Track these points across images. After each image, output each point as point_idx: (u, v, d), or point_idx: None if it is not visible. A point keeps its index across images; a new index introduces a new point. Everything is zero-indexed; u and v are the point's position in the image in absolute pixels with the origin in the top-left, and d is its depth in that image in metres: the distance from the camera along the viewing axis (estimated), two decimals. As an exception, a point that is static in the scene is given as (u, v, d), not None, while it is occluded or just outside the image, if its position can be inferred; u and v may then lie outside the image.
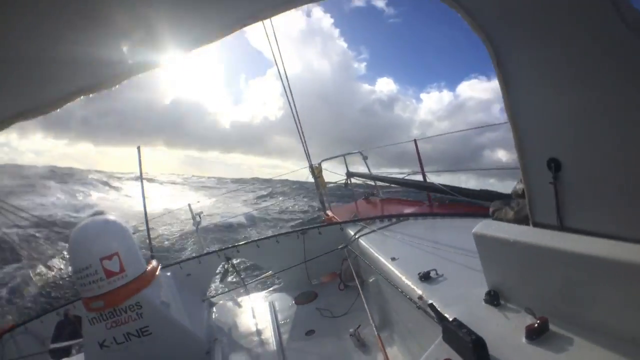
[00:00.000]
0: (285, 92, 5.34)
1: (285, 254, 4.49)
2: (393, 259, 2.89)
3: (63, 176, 39.09)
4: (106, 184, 39.79)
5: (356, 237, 3.78)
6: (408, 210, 5.20)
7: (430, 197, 5.35)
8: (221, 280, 4.80)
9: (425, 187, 4.98)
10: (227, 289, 4.81)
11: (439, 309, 1.93)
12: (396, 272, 2.68)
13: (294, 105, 5.40)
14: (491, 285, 1.87)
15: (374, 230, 3.80)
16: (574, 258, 1.37)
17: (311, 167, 6.24)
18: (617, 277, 1.25)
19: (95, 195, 31.52)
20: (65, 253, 11.19)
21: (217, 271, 4.62)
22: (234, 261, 4.55)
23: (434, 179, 4.95)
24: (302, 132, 5.57)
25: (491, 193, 3.73)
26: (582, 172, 1.44)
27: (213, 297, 4.65)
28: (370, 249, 3.32)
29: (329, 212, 6.22)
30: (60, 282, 10.24)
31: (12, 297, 9.85)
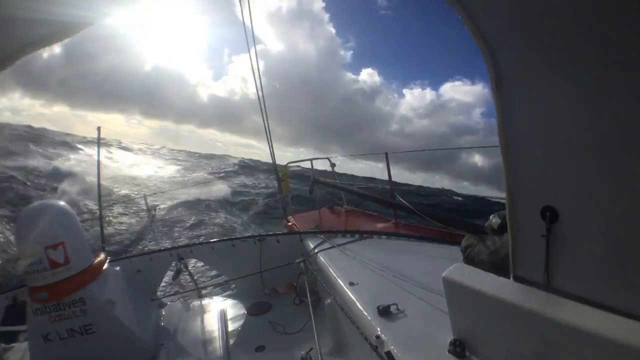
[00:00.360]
0: (255, 82, 5.06)
1: (240, 260, 4.25)
2: (351, 283, 2.66)
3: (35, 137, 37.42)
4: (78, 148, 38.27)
5: (315, 251, 3.55)
6: (373, 226, 5.00)
7: (397, 214, 5.16)
8: (172, 280, 4.50)
9: (393, 205, 4.76)
10: (177, 290, 4.58)
11: (395, 357, 1.70)
12: (354, 299, 2.44)
13: (263, 101, 5.10)
14: (457, 334, 1.66)
15: (334, 246, 3.56)
16: (558, 325, 1.18)
17: (275, 169, 5.95)
18: (604, 354, 1.08)
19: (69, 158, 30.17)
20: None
21: (169, 270, 4.33)
22: (187, 261, 4.29)
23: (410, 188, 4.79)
24: (269, 130, 5.26)
25: (462, 221, 3.54)
26: (583, 227, 1.21)
27: (163, 297, 4.38)
28: (329, 268, 3.09)
29: (290, 219, 5.95)
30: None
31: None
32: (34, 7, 0.94)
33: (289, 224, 5.81)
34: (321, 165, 6.98)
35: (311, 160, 6.73)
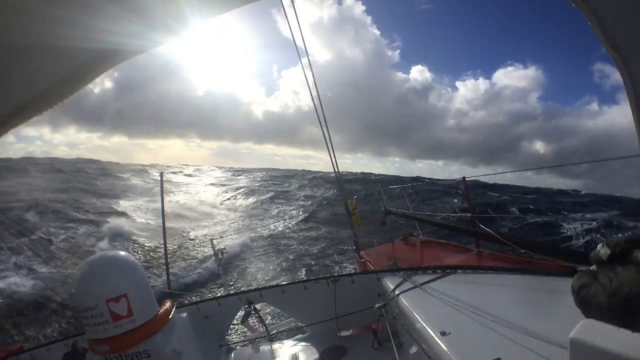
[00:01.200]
0: (311, 93, 4.84)
1: (313, 303, 4.04)
2: (443, 333, 2.35)
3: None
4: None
5: (396, 293, 3.25)
6: (454, 258, 4.61)
7: (479, 242, 4.73)
8: (241, 325, 4.41)
9: (475, 234, 4.37)
10: (247, 335, 4.42)
11: None
12: (449, 353, 2.13)
13: (323, 112, 4.90)
14: None
15: (416, 286, 3.25)
16: None
17: (345, 204, 5.77)
18: None
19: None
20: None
21: (238, 315, 4.24)
22: (257, 305, 4.15)
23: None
24: (331, 141, 5.03)
25: (555, 248, 3.12)
26: None
27: (232, 343, 4.29)
28: (415, 313, 2.78)
29: (364, 255, 5.68)
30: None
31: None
32: (86, 36, 0.93)
33: (362, 260, 5.54)
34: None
35: (381, 190, 6.49)
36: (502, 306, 2.62)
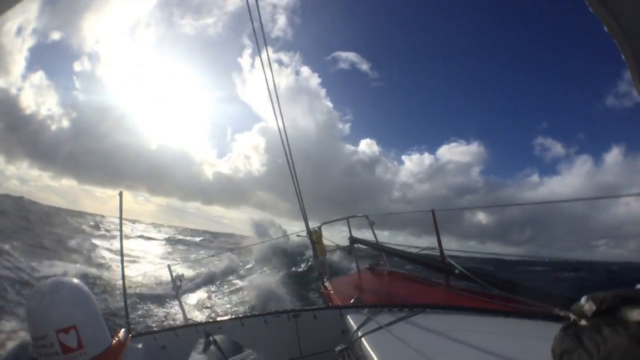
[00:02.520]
0: (285, 153, 5.07)
1: (274, 337, 3.86)
2: None
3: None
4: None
5: (359, 334, 3.00)
6: (421, 293, 4.42)
7: (448, 278, 4.52)
8: (200, 358, 4.15)
9: (444, 269, 4.16)
10: None
11: None
12: None
13: (293, 165, 4.90)
14: None
15: (381, 327, 3.00)
16: None
17: (309, 231, 5.52)
18: None
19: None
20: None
21: (196, 347, 4.05)
22: (216, 337, 3.94)
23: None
24: (300, 193, 4.91)
25: (535, 289, 2.93)
26: None
27: None
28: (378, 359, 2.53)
29: (328, 285, 5.42)
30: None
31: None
32: None
33: (327, 291, 5.27)
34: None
35: (347, 218, 6.29)
36: (472, 352, 2.42)
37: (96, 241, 29.59)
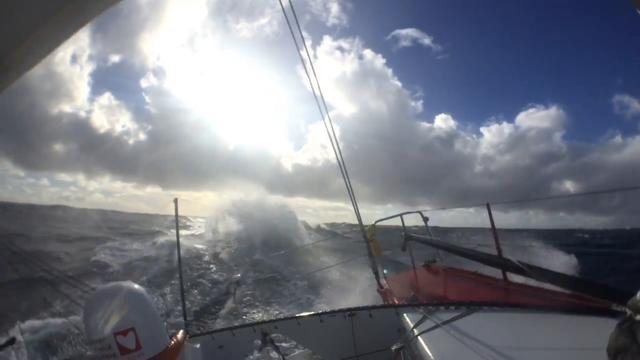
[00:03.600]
0: (333, 146, 4.91)
1: (330, 336, 3.90)
2: None
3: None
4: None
5: (415, 333, 3.01)
6: (478, 289, 4.37)
7: (505, 273, 4.44)
8: (257, 356, 4.31)
9: (501, 264, 4.10)
10: None
11: None
12: None
13: (343, 163, 4.90)
14: None
15: (437, 325, 2.99)
16: None
17: (363, 229, 5.59)
18: None
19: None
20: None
21: (253, 346, 4.04)
22: (272, 337, 3.96)
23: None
24: (352, 192, 4.97)
25: (593, 284, 2.86)
26: None
27: None
28: (435, 358, 2.54)
29: (384, 284, 5.47)
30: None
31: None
32: None
33: (383, 290, 5.33)
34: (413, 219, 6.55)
35: (401, 215, 6.31)
36: (530, 349, 2.41)
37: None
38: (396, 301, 4.36)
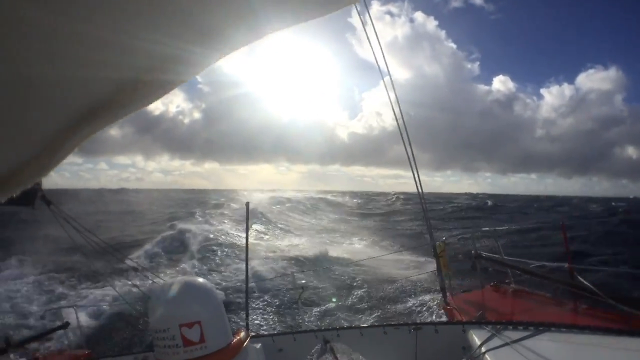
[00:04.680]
0: (395, 117, 5.00)
1: (393, 350, 3.91)
2: None
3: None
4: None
5: (482, 350, 3.07)
6: (547, 311, 4.32)
7: (576, 295, 4.39)
8: None
9: (573, 286, 4.08)
10: None
11: None
12: None
13: (407, 132, 5.05)
14: None
15: (506, 344, 3.03)
16: None
17: (434, 246, 5.69)
18: None
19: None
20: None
21: (313, 352, 4.14)
22: (333, 345, 4.04)
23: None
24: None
25: None
26: None
27: None
28: None
29: (450, 302, 5.51)
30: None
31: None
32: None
33: (449, 307, 5.37)
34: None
35: (473, 233, 6.32)
36: None
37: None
38: (462, 319, 4.36)
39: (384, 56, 4.91)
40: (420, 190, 5.14)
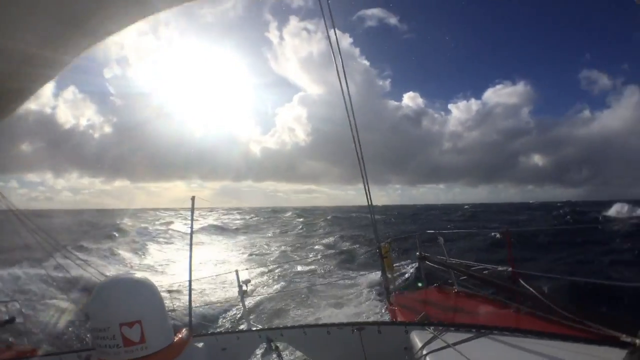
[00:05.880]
0: (351, 129, 4.86)
1: (337, 350, 3.84)
2: None
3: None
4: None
5: (424, 352, 3.02)
6: (490, 314, 4.35)
7: (518, 299, 4.43)
8: None
9: (514, 291, 4.11)
10: None
11: None
12: None
13: (359, 144, 4.92)
14: None
15: (447, 346, 2.97)
16: None
17: (379, 246, 5.62)
18: None
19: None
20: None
21: (256, 351, 4.11)
22: (277, 344, 4.00)
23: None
24: (365, 171, 4.95)
25: (604, 314, 2.86)
26: None
27: None
28: None
29: (394, 301, 5.47)
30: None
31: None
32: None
33: (392, 307, 5.33)
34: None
35: (417, 234, 6.30)
36: None
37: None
38: (405, 319, 4.32)
39: (341, 58, 4.84)
40: (369, 197, 5.06)
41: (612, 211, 47.01)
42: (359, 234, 33.80)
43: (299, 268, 19.45)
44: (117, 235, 34.83)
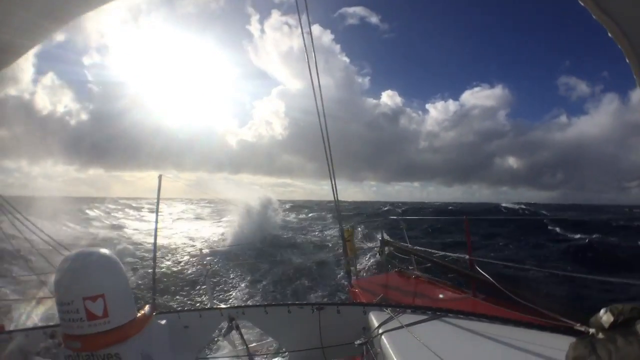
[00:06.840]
0: (320, 124, 4.85)
1: (296, 328, 3.91)
2: None
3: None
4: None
5: (380, 331, 3.06)
6: (446, 299, 4.45)
7: (474, 286, 4.53)
8: (221, 340, 4.27)
9: (472, 277, 4.19)
10: (225, 352, 4.36)
11: None
12: None
13: (329, 150, 4.86)
14: None
15: (403, 326, 3.03)
16: None
17: (341, 229, 5.62)
18: None
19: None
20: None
21: (218, 329, 4.16)
22: (239, 322, 4.03)
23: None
24: (336, 190, 4.94)
25: (558, 303, 2.93)
26: None
27: (210, 356, 4.26)
28: (395, 356, 2.60)
29: (355, 284, 5.51)
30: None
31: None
32: None
33: (353, 289, 5.37)
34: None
35: (381, 220, 6.34)
36: (489, 358, 2.48)
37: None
38: (364, 301, 4.38)
39: (315, 58, 4.84)
40: (335, 194, 5.00)
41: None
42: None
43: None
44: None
